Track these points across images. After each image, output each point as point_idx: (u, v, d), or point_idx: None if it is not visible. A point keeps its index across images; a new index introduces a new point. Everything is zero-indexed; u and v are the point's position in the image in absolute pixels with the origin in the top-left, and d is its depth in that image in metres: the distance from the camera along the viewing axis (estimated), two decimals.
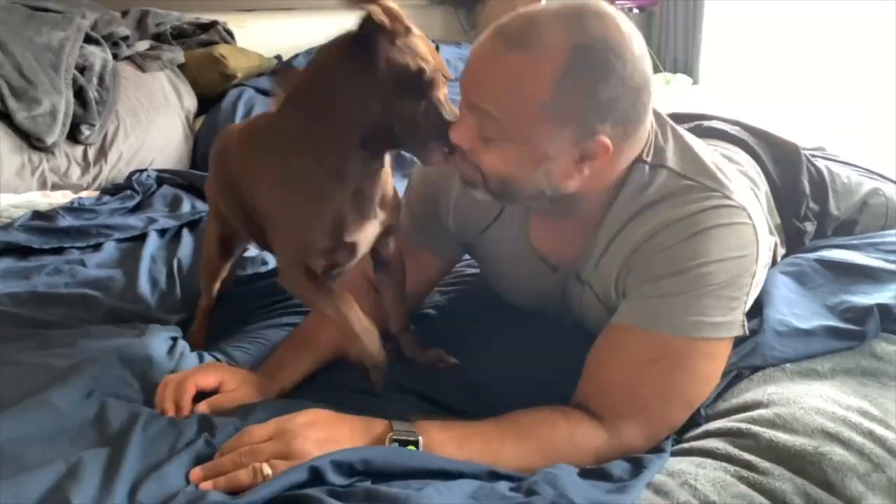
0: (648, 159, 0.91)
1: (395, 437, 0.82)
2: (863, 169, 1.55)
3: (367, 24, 0.82)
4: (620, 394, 0.89)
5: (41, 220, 1.61)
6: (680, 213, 0.88)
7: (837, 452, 0.80)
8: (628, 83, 0.82)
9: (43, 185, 1.91)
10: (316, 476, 0.73)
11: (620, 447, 0.88)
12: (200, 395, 0.92)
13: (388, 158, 0.93)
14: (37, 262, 1.46)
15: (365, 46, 0.82)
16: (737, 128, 1.40)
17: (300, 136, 0.88)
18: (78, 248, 1.54)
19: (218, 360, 1.07)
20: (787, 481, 0.78)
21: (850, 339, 0.99)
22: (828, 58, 2.77)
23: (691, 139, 0.96)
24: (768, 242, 1.05)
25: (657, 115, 0.95)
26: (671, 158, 0.92)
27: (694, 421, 0.91)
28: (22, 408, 0.86)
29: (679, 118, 1.53)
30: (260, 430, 0.81)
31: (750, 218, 0.89)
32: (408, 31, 0.84)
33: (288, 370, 1.01)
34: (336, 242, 0.91)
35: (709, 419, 0.91)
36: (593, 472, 0.82)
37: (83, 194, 1.87)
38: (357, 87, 0.84)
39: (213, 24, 2.53)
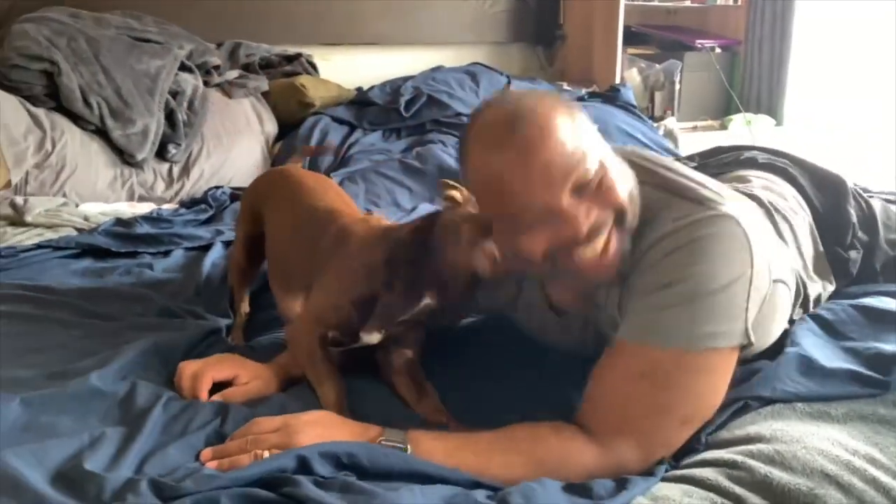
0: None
1: (384, 441, 0.86)
2: None
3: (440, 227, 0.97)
4: (611, 410, 0.88)
5: (121, 227, 1.77)
6: (670, 228, 0.89)
7: (834, 496, 0.78)
8: None
9: (131, 197, 2.09)
10: (303, 465, 0.78)
11: (613, 465, 0.87)
12: (217, 384, 0.99)
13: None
14: (112, 263, 1.60)
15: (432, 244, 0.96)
16: (778, 158, 1.37)
17: (373, 240, 1.03)
18: (150, 253, 1.67)
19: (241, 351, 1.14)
20: None
21: (871, 385, 0.95)
22: None
23: (668, 163, 0.97)
24: (786, 257, 1.02)
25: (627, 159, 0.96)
26: (668, 179, 0.94)
27: (692, 447, 0.90)
28: (63, 384, 0.96)
29: (718, 151, 1.52)
30: (268, 422, 0.88)
31: (740, 225, 0.88)
32: (483, 233, 0.92)
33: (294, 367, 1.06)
34: (347, 332, 1.02)
35: (709, 447, 0.89)
36: (576, 487, 0.82)
37: (165, 206, 2.04)
38: (423, 267, 0.96)
39: (298, 55, 2.70)
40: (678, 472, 0.86)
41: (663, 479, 0.85)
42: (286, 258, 1.19)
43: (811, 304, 1.15)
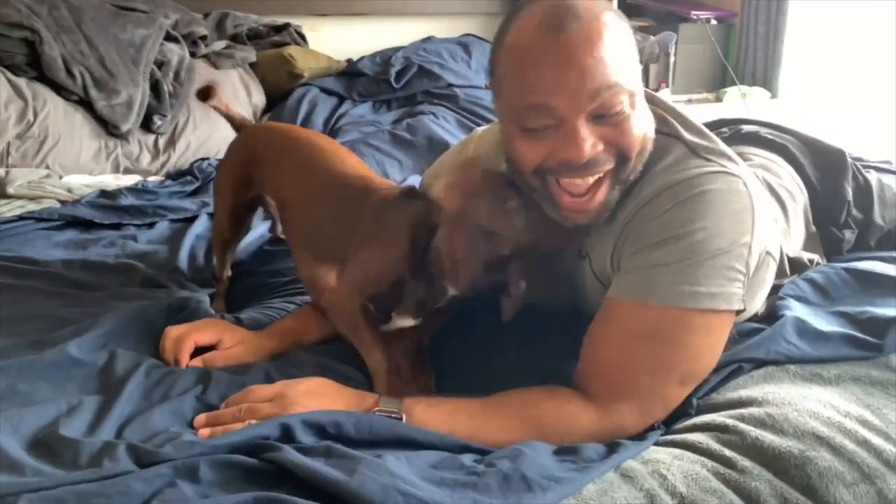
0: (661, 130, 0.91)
1: (379, 409, 0.84)
2: None
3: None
4: (611, 371, 0.87)
5: (106, 199, 1.74)
6: (676, 178, 0.87)
7: (825, 458, 0.77)
8: None
9: (116, 169, 2.05)
10: (287, 434, 0.77)
11: (612, 428, 0.85)
12: (201, 349, 0.97)
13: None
14: (96, 235, 1.58)
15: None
16: (779, 133, 1.35)
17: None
18: (135, 225, 1.65)
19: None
20: (765, 482, 0.75)
21: (865, 348, 0.94)
22: None
23: (682, 113, 0.95)
24: (775, 231, 1.01)
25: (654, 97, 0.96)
26: (681, 131, 0.92)
27: (684, 411, 0.88)
28: (42, 353, 0.94)
29: (720, 123, 1.50)
30: (263, 390, 0.86)
31: (746, 186, 0.87)
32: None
33: (291, 334, 1.05)
34: (381, 310, 0.99)
35: (700, 411, 0.88)
36: (566, 450, 0.81)
37: (150, 178, 2.01)
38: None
39: (286, 26, 2.65)
40: (669, 437, 0.85)
41: (654, 444, 0.84)
42: (316, 227, 1.10)
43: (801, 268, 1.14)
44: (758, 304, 1.02)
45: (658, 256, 0.85)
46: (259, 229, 1.48)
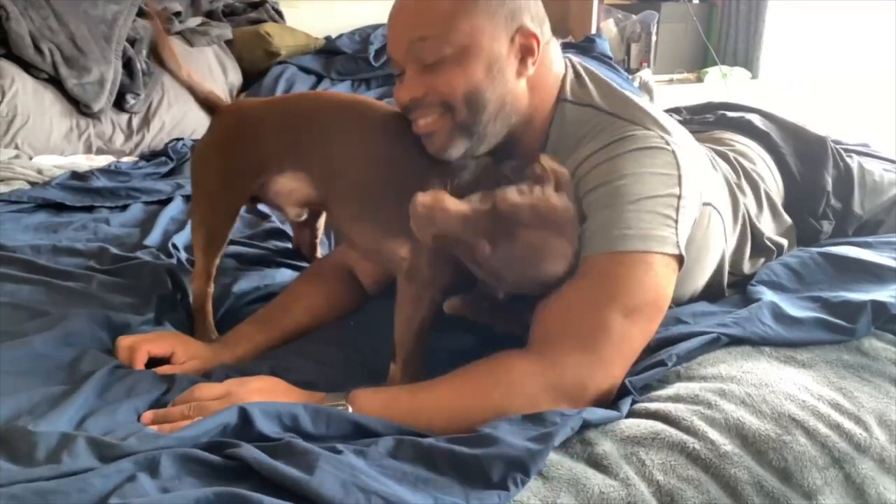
0: (570, 98, 0.97)
1: (325, 403, 0.83)
2: None
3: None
4: (551, 317, 0.86)
5: (77, 180, 1.70)
6: (602, 142, 0.91)
7: (800, 442, 0.78)
8: None
9: (88, 150, 2.01)
10: (246, 421, 0.75)
11: (559, 375, 0.82)
12: (156, 361, 0.95)
13: None
14: (67, 218, 1.55)
15: None
16: (762, 119, 1.35)
17: None
18: (107, 207, 1.62)
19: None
20: (744, 469, 0.75)
21: (838, 332, 0.94)
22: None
23: (611, 82, 1.00)
24: (712, 183, 1.02)
25: (573, 62, 1.02)
26: (596, 98, 0.97)
27: (658, 362, 0.87)
28: (6, 345, 0.92)
29: (707, 107, 1.49)
30: (211, 388, 0.85)
31: (669, 145, 0.91)
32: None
33: (247, 343, 1.02)
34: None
35: (681, 378, 0.87)
36: (531, 419, 0.77)
37: (124, 159, 1.97)
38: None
39: (263, 2, 2.60)
40: (651, 407, 0.82)
41: (634, 414, 0.82)
42: (382, 195, 0.97)
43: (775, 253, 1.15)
44: (708, 266, 1.03)
45: (587, 207, 0.89)
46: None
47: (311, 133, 1.01)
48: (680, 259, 0.88)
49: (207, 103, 1.14)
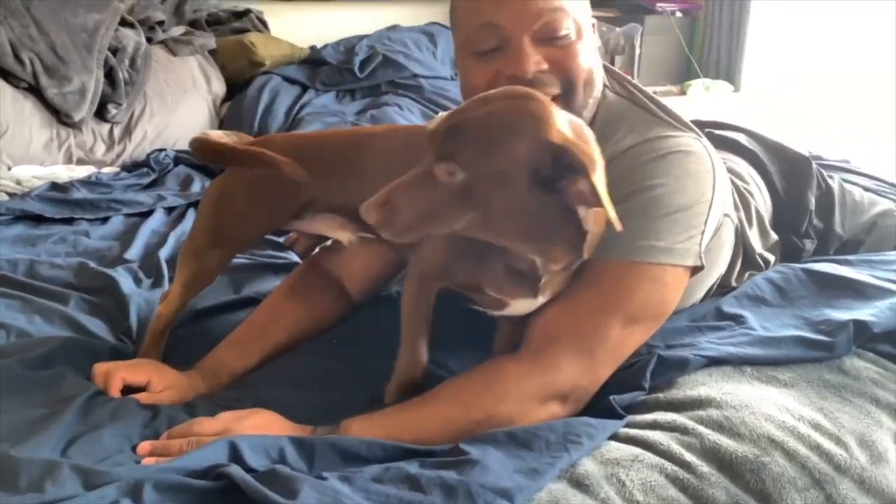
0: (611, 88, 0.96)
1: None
2: (888, 185, 1.48)
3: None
4: (556, 318, 0.85)
5: (56, 192, 1.68)
6: (639, 140, 0.90)
7: (779, 463, 0.78)
8: None
9: (68, 160, 1.99)
10: (235, 456, 0.74)
11: (548, 376, 0.82)
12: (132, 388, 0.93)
13: None
14: (46, 230, 1.53)
15: None
16: (748, 138, 1.36)
17: None
18: (87, 219, 1.60)
19: None
20: (722, 489, 0.76)
21: (817, 349, 0.95)
22: (880, 71, 2.65)
23: (642, 87, 0.99)
24: (728, 194, 1.02)
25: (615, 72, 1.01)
26: (632, 92, 0.97)
27: (636, 384, 0.86)
28: None
29: (695, 125, 1.50)
30: (210, 423, 0.84)
31: (707, 149, 0.91)
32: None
33: (224, 373, 1.00)
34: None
35: (661, 406, 0.87)
36: (519, 442, 0.76)
37: (105, 170, 1.94)
38: None
39: (248, 11, 2.59)
40: (631, 432, 0.83)
41: (616, 438, 0.82)
42: None
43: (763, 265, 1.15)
44: (717, 271, 1.03)
45: (619, 212, 0.84)
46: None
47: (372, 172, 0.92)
48: (697, 267, 0.89)
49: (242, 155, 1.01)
